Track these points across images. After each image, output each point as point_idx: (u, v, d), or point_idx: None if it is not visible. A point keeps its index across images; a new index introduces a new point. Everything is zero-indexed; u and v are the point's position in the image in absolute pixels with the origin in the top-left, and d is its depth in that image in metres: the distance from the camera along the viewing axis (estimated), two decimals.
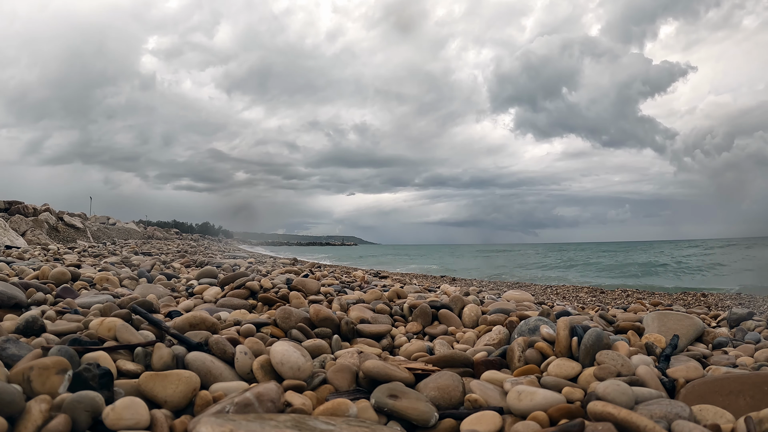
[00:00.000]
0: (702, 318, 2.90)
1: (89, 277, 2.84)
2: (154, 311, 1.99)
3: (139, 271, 3.49)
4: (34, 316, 1.44)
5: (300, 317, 1.86)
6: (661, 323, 2.15)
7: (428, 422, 1.10)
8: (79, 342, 1.25)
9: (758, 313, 2.83)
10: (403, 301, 2.55)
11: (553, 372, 1.34)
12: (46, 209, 14.12)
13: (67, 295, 2.22)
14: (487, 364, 1.48)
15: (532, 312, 2.27)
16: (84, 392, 0.93)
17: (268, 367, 1.28)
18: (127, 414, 0.92)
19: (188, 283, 3.08)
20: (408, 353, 1.78)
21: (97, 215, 22.01)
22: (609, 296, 6.47)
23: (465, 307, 2.35)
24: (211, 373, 1.24)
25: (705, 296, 6.26)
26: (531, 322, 1.82)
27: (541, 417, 1.05)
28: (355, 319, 2.07)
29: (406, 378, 1.30)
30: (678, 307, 3.82)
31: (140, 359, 1.24)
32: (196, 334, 1.46)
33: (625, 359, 1.32)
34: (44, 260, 4.28)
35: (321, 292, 2.79)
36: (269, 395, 1.05)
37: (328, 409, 1.08)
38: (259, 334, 1.66)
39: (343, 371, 1.33)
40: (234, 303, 2.33)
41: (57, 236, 12.60)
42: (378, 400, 1.13)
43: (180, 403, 1.08)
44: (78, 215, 17.00)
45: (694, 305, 5.20)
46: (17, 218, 11.40)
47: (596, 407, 1.00)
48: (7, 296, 1.74)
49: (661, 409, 1.03)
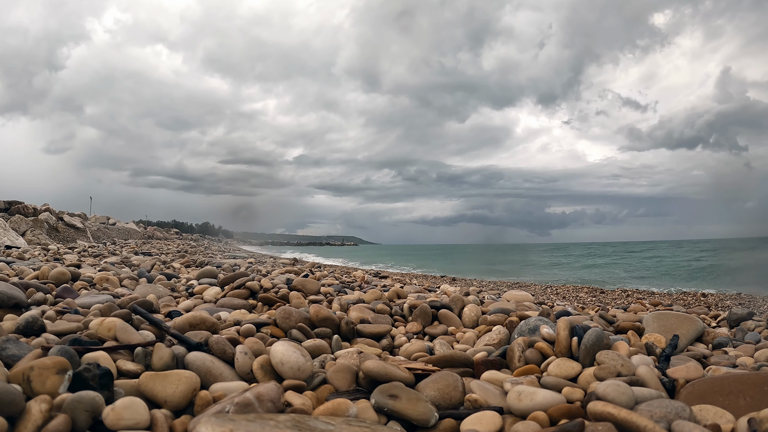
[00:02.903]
0: (702, 318, 2.90)
1: (89, 277, 2.84)
2: (154, 311, 1.99)
3: (139, 271, 3.49)
4: (34, 316, 1.44)
5: (300, 317, 1.86)
6: (661, 323, 2.15)
7: (428, 422, 1.10)
8: (79, 342, 1.25)
9: (758, 313, 2.83)
10: (403, 301, 2.55)
11: (553, 372, 1.34)
12: (46, 209, 14.12)
13: (67, 295, 2.22)
14: (487, 364, 1.48)
15: (532, 312, 2.27)
16: (84, 392, 0.93)
17: (268, 367, 1.29)
18: (127, 414, 0.92)
19: (188, 283, 3.08)
20: (408, 353, 1.78)
21: (97, 215, 22.01)
22: (609, 296, 6.47)
23: (465, 307, 2.35)
24: (211, 373, 1.24)
25: (705, 296, 6.26)
26: (531, 322, 1.82)
27: (541, 417, 1.05)
28: (355, 319, 2.07)
29: (406, 378, 1.30)
30: (678, 307, 3.83)
31: (140, 359, 1.24)
32: (196, 334, 1.46)
33: (625, 359, 1.32)
34: (44, 260, 4.28)
35: (321, 292, 2.79)
36: (269, 395, 1.05)
37: (328, 409, 1.08)
38: (259, 334, 1.66)
39: (343, 371, 1.33)
40: (234, 303, 2.33)
41: (57, 236, 12.60)
42: (378, 400, 1.13)
43: (180, 403, 1.08)
44: (78, 215, 17.00)
45: (694, 305, 5.20)
46: (17, 218, 11.40)
47: (596, 407, 1.00)
48: (7, 296, 1.74)
49: (661, 409, 1.03)
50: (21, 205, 13.16)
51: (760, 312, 3.03)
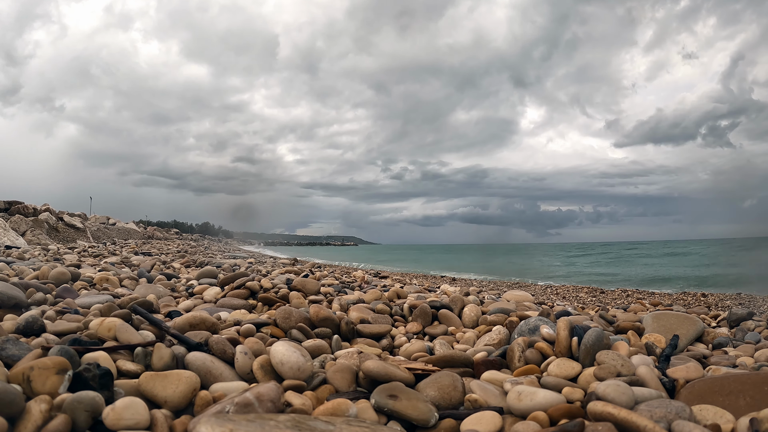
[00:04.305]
0: (702, 318, 2.90)
1: (89, 277, 2.84)
2: (154, 311, 1.99)
3: (139, 271, 3.49)
4: (34, 316, 1.45)
5: (300, 317, 1.86)
6: (661, 323, 2.15)
7: (428, 422, 1.10)
8: (79, 342, 1.25)
9: (758, 313, 2.83)
10: (403, 302, 2.55)
11: (553, 372, 1.34)
12: (46, 209, 14.12)
13: (67, 295, 2.22)
14: (487, 364, 1.48)
15: (532, 312, 2.27)
16: (84, 392, 0.93)
17: (268, 367, 1.29)
18: (127, 414, 0.92)
19: (188, 283, 3.08)
20: (408, 353, 1.78)
21: (97, 215, 21.99)
22: (609, 296, 6.47)
23: (465, 307, 2.35)
24: (211, 373, 1.24)
25: (705, 296, 6.26)
26: (531, 322, 1.82)
27: (541, 417, 1.05)
28: (355, 319, 2.07)
29: (406, 378, 1.30)
30: (678, 307, 3.83)
31: (140, 359, 1.24)
32: (196, 334, 1.46)
33: (625, 359, 1.32)
34: (44, 260, 4.28)
35: (321, 293, 2.79)
36: (269, 395, 1.05)
37: (328, 410, 1.08)
38: (259, 334, 1.66)
39: (343, 371, 1.33)
40: (234, 303, 2.33)
41: (57, 236, 12.60)
42: (378, 400, 1.13)
43: (180, 403, 1.08)
44: (78, 215, 17.00)
45: (694, 305, 5.20)
46: (17, 218, 11.40)
47: (596, 407, 1.00)
48: (7, 296, 1.73)
49: (661, 409, 1.03)
50: (21, 205, 13.16)
51: (760, 312, 3.03)
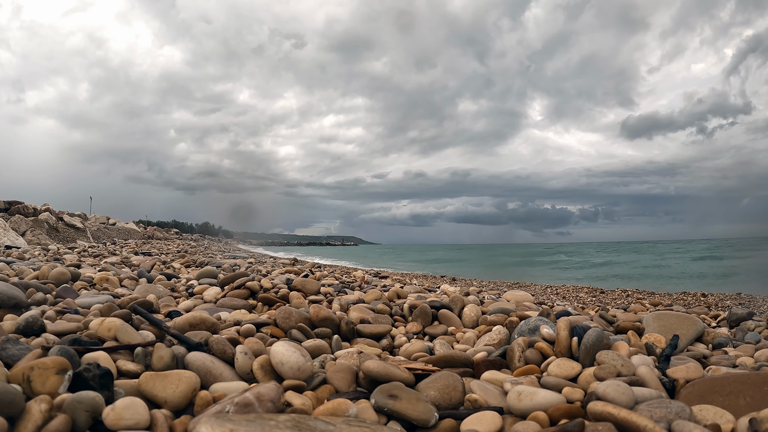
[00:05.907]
0: (702, 318, 2.90)
1: (89, 277, 2.84)
2: (154, 311, 1.99)
3: (139, 271, 3.49)
4: (34, 316, 1.44)
5: (300, 317, 1.86)
6: (661, 323, 2.15)
7: (428, 422, 1.10)
8: (79, 342, 1.25)
9: (758, 313, 2.83)
10: (403, 302, 2.55)
11: (553, 372, 1.34)
12: (46, 209, 14.12)
13: (67, 295, 2.22)
14: (487, 364, 1.47)
15: (532, 312, 2.27)
16: (84, 392, 0.93)
17: (268, 367, 1.29)
18: (127, 414, 0.92)
19: (188, 283, 3.08)
20: (408, 353, 1.78)
21: (97, 215, 21.99)
22: (609, 296, 6.47)
23: (465, 308, 2.35)
24: (211, 373, 1.24)
25: (705, 296, 6.26)
26: (531, 322, 1.82)
27: (541, 417, 1.05)
28: (355, 319, 2.06)
29: (406, 378, 1.30)
30: (678, 308, 3.83)
31: (140, 359, 1.24)
32: (196, 334, 1.46)
33: (625, 359, 1.32)
34: (44, 260, 4.27)
35: (321, 293, 2.79)
36: (269, 395, 1.05)
37: (328, 410, 1.08)
38: (259, 334, 1.66)
39: (343, 371, 1.33)
40: (234, 303, 2.33)
41: (57, 236, 12.59)
42: (378, 400, 1.13)
43: (180, 403, 1.08)
44: (78, 215, 16.99)
45: (694, 305, 5.20)
46: (17, 218, 11.40)
47: (596, 407, 1.00)
48: (7, 296, 1.73)
49: (661, 409, 1.03)
50: (21, 205, 13.15)
51: (760, 312, 3.03)
